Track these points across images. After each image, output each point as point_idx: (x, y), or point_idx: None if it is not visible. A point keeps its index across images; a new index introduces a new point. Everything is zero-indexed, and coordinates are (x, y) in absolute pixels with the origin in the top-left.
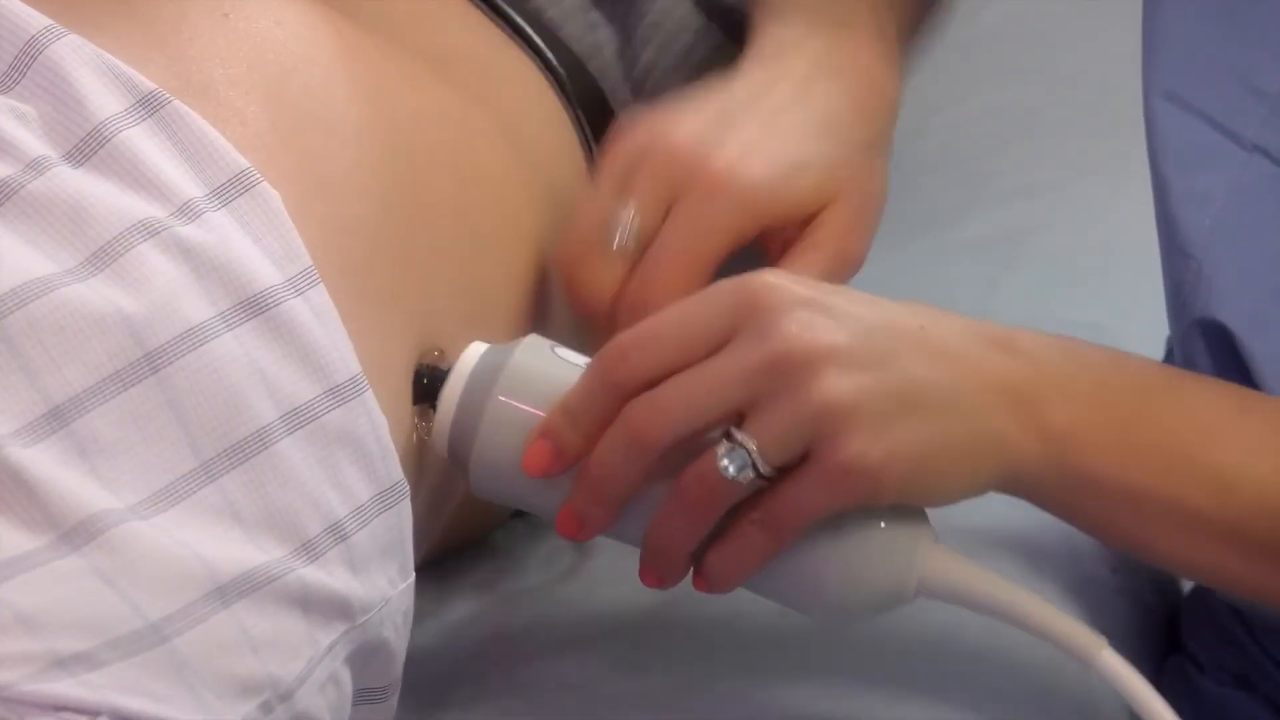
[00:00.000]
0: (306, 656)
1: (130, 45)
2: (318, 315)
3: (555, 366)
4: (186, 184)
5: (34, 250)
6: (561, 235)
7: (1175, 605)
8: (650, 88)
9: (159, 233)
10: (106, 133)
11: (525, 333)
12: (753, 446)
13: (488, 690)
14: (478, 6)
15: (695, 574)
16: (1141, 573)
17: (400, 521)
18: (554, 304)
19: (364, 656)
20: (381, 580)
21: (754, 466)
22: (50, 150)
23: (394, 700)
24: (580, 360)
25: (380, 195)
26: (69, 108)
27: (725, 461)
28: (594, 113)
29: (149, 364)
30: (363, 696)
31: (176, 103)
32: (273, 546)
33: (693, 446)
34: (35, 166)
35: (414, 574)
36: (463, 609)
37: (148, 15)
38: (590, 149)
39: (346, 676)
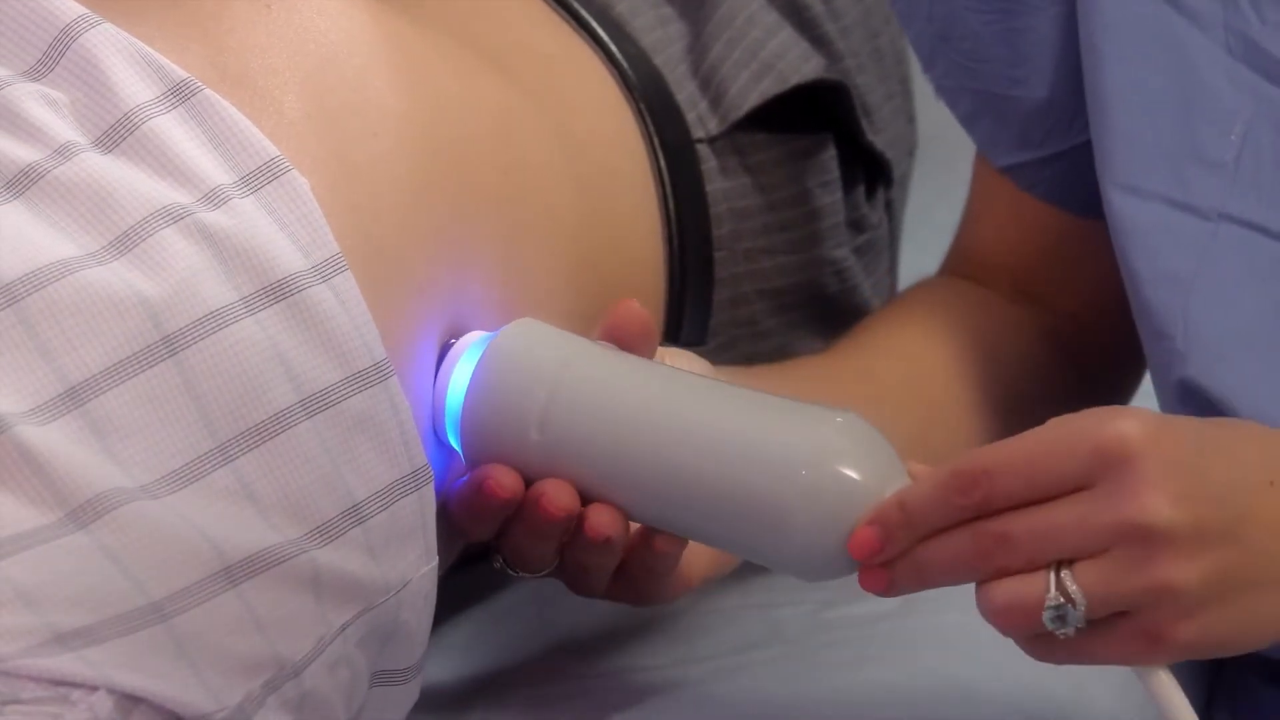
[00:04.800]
0: (316, 636)
1: (170, 34)
2: (343, 302)
3: (527, 353)
4: (214, 171)
5: (57, 233)
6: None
7: None
8: (718, 83)
9: (183, 218)
10: (135, 120)
11: (562, 322)
12: (1083, 606)
13: (522, 678)
14: (545, 1)
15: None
16: None
17: (423, 506)
18: (591, 294)
19: (381, 639)
20: (401, 564)
21: (1077, 624)
22: (79, 136)
23: (416, 683)
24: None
25: (415, 184)
26: (99, 94)
27: (1051, 613)
28: (658, 106)
29: (167, 347)
30: (383, 679)
31: (208, 91)
32: (287, 528)
33: None
34: (63, 152)
35: (437, 558)
36: (507, 598)
37: (190, 5)
38: (652, 142)
39: (361, 659)
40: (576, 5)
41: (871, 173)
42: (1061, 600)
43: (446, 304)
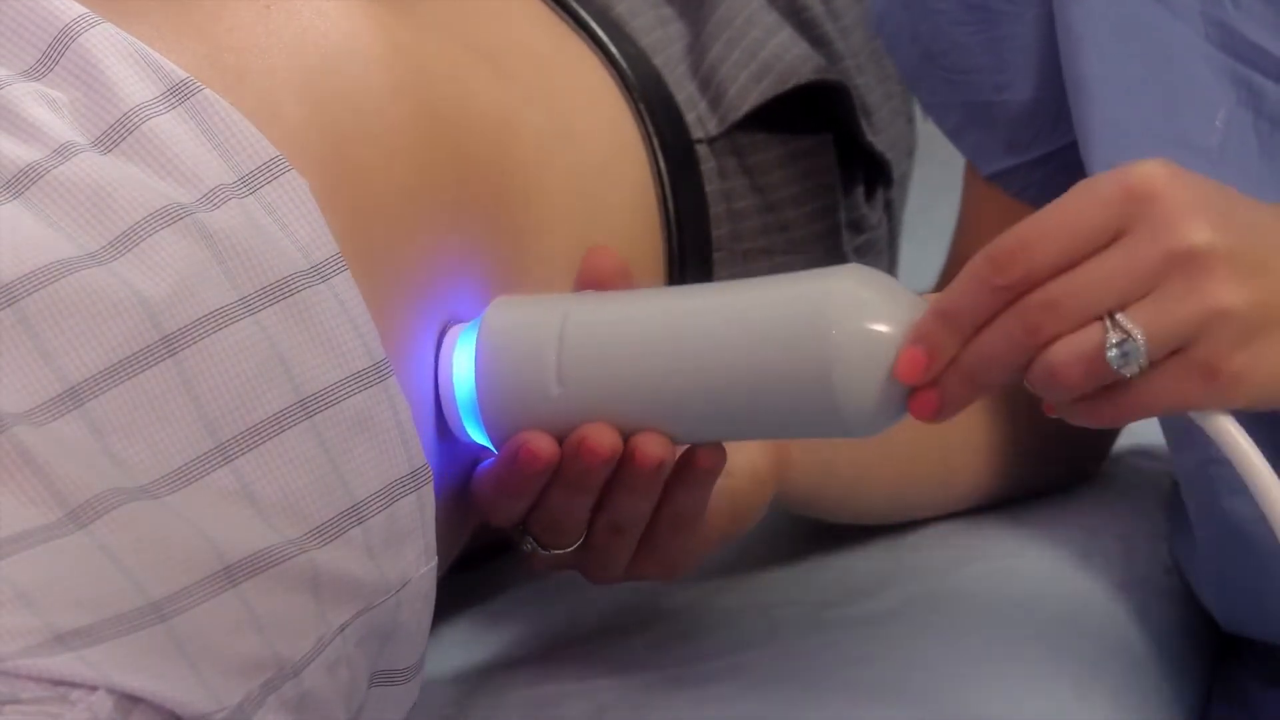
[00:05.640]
0: (315, 636)
1: (169, 33)
2: (342, 302)
3: (522, 319)
4: (214, 171)
5: (57, 233)
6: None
7: None
8: (717, 83)
9: (182, 218)
10: (135, 120)
11: None
12: (1142, 340)
13: (522, 678)
14: (545, 1)
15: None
16: None
17: (422, 505)
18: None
19: (380, 639)
20: (401, 563)
21: (1140, 361)
22: (79, 136)
23: (416, 683)
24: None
25: (414, 184)
26: (99, 94)
27: (1115, 352)
28: (657, 106)
29: (166, 347)
30: (382, 679)
31: (207, 91)
32: (287, 528)
33: None
34: (63, 151)
35: (436, 558)
36: (507, 598)
37: (190, 5)
38: (652, 142)
39: (360, 659)
40: (576, 5)
41: (871, 173)
42: (1123, 337)
43: (445, 304)
